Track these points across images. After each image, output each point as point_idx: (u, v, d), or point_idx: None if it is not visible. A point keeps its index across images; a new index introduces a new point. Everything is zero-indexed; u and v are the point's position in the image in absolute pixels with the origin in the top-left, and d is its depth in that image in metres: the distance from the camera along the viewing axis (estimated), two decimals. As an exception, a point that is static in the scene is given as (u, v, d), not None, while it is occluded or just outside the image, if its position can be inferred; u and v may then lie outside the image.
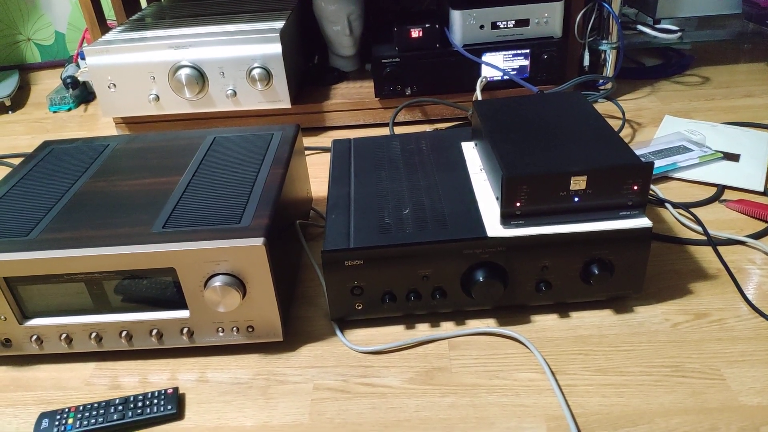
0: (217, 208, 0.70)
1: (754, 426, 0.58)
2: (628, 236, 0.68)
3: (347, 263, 0.68)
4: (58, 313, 0.69)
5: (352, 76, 1.36)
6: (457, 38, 1.18)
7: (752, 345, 0.67)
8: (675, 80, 1.38)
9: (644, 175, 0.66)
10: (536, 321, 0.72)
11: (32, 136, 1.36)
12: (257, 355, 0.71)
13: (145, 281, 0.66)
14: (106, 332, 0.69)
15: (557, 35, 1.19)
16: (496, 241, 0.67)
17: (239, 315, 0.68)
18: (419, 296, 0.70)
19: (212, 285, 0.64)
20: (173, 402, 0.64)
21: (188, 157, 0.82)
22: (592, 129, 0.74)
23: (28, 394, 0.68)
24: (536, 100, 0.83)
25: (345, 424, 0.62)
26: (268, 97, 1.16)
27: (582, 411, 0.61)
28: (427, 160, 0.84)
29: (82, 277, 0.66)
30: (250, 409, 0.64)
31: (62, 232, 0.68)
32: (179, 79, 1.13)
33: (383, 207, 0.74)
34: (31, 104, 1.55)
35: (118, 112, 1.20)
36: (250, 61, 1.12)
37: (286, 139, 0.85)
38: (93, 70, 1.14)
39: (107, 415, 0.63)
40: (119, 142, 0.89)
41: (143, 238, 0.65)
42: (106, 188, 0.76)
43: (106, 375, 0.70)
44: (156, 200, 0.72)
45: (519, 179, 0.66)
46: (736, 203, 0.90)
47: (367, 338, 0.72)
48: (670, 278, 0.78)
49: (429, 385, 0.65)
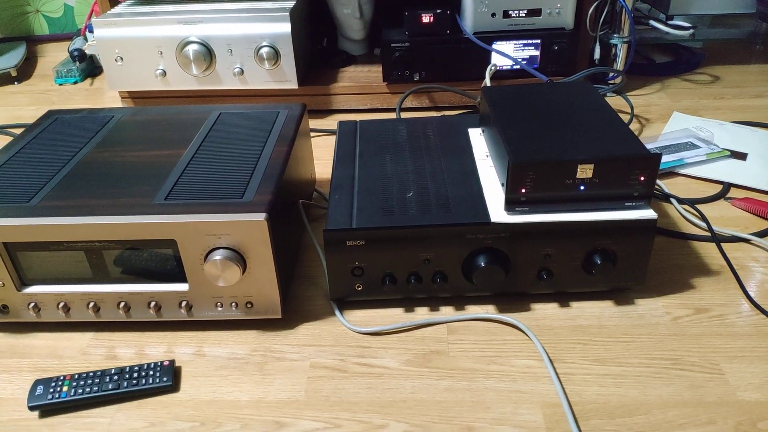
0: (220, 183, 0.69)
1: (751, 421, 0.58)
2: (633, 227, 0.67)
3: (349, 243, 0.68)
4: (57, 281, 0.68)
5: (361, 60, 1.35)
6: (468, 25, 1.17)
7: (752, 341, 0.67)
8: (685, 78, 1.37)
9: (651, 166, 0.65)
10: (536, 309, 0.72)
11: (37, 108, 1.35)
12: (255, 332, 0.70)
13: (146, 253, 0.66)
14: (105, 302, 0.69)
15: (569, 27, 1.18)
16: (499, 226, 0.67)
17: (239, 290, 0.68)
18: (420, 279, 0.70)
19: (212, 259, 0.64)
20: (169, 374, 0.64)
21: (193, 132, 0.81)
22: (601, 119, 0.73)
23: (23, 361, 0.68)
24: (546, 89, 0.83)
25: (341, 402, 0.61)
26: (275, 76, 1.15)
27: (579, 399, 0.60)
28: (434, 145, 0.83)
29: (82, 245, 0.65)
30: (246, 384, 0.64)
31: (63, 200, 0.67)
32: (187, 55, 1.12)
33: (387, 189, 0.73)
34: (37, 76, 1.54)
35: (124, 86, 1.19)
36: (258, 39, 1.11)
37: (292, 118, 0.84)
38: (101, 43, 1.14)
39: (102, 384, 0.63)
40: (124, 114, 0.88)
41: (145, 209, 0.65)
42: (109, 159, 0.76)
43: (103, 345, 0.70)
44: (159, 172, 0.72)
45: (525, 165, 0.65)
46: (741, 201, 0.89)
47: (366, 319, 0.71)
48: (673, 272, 0.77)
49: (426, 367, 0.65)
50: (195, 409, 0.61)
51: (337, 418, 0.60)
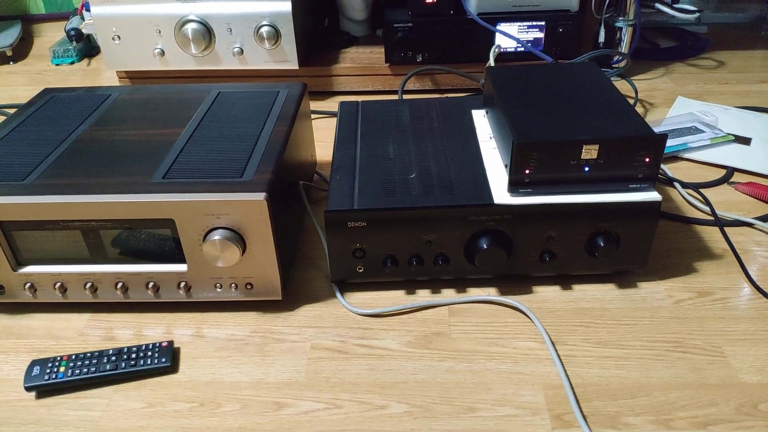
0: (219, 162, 0.68)
1: (752, 403, 0.57)
2: (637, 209, 0.66)
3: (350, 224, 0.67)
4: (53, 261, 0.67)
5: (363, 41, 1.33)
6: (472, 6, 1.15)
7: (754, 324, 0.66)
8: (689, 62, 1.35)
9: (657, 147, 0.64)
10: (538, 292, 0.71)
11: (33, 88, 1.34)
12: (255, 313, 0.70)
13: (143, 233, 0.65)
14: (102, 283, 0.68)
15: (574, 9, 1.16)
16: (502, 208, 0.66)
17: (238, 271, 0.67)
18: (421, 261, 0.69)
19: (211, 239, 0.63)
20: (168, 355, 0.63)
21: (191, 111, 0.80)
22: (606, 100, 0.72)
23: (20, 342, 0.67)
24: (551, 69, 0.81)
25: (341, 383, 0.61)
26: (275, 56, 1.14)
27: (580, 381, 0.60)
28: (436, 126, 0.82)
29: (78, 224, 0.65)
30: (246, 366, 0.63)
31: (59, 178, 0.66)
32: (185, 33, 1.11)
33: (389, 170, 0.72)
34: (34, 56, 1.53)
35: (121, 65, 1.17)
36: (258, 18, 1.10)
37: (293, 97, 0.83)
38: (98, 21, 1.12)
39: (100, 365, 0.62)
40: (122, 92, 0.87)
41: (142, 188, 0.64)
42: (106, 137, 0.75)
43: (101, 326, 0.69)
44: (157, 151, 0.71)
45: (530, 145, 0.64)
46: (745, 186, 0.89)
47: (367, 301, 0.71)
48: (675, 256, 0.76)
49: (427, 349, 0.64)
50: (194, 390, 0.61)
51: (337, 398, 0.59)
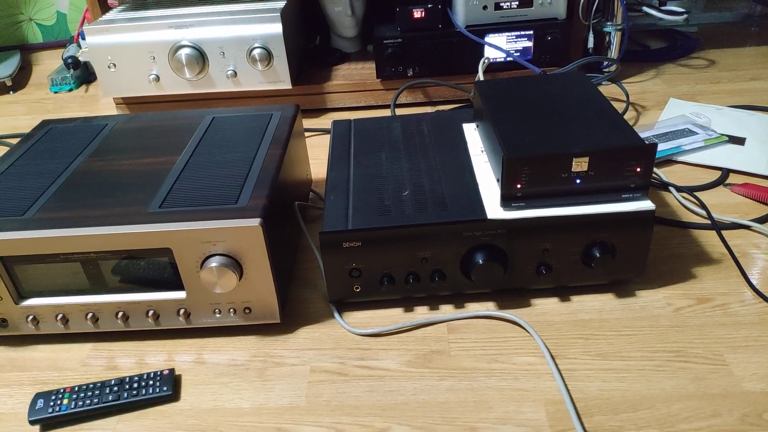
0: (214, 188, 0.69)
1: (756, 412, 0.57)
2: (631, 219, 0.66)
3: (345, 245, 0.67)
4: (55, 293, 0.68)
5: (354, 57, 1.34)
6: (460, 19, 1.16)
7: (756, 330, 0.66)
8: (680, 63, 1.36)
9: (647, 157, 0.65)
10: (536, 304, 0.71)
11: (33, 117, 1.35)
12: (254, 337, 0.70)
13: (142, 262, 0.65)
14: (103, 313, 0.68)
15: (561, 16, 1.17)
16: (496, 223, 0.66)
17: (236, 296, 0.67)
18: (418, 279, 0.70)
19: (208, 266, 0.64)
20: (169, 383, 0.64)
21: (186, 137, 0.81)
22: (595, 110, 0.73)
23: (24, 375, 0.68)
24: (539, 81, 0.82)
25: (342, 406, 0.61)
26: (268, 77, 1.14)
27: (582, 396, 0.60)
28: (428, 141, 0.83)
29: (78, 257, 0.65)
30: (247, 391, 0.64)
31: (58, 211, 0.67)
32: (179, 59, 1.12)
33: (383, 188, 0.73)
34: (33, 84, 1.54)
35: (118, 92, 1.18)
36: (250, 41, 1.11)
37: (286, 119, 0.84)
38: (93, 50, 1.13)
39: (102, 395, 0.62)
40: (118, 121, 0.88)
41: (139, 218, 0.65)
42: (103, 168, 0.75)
43: (103, 356, 0.69)
44: (153, 180, 0.72)
45: (520, 160, 0.65)
46: (740, 187, 0.89)
47: (365, 321, 0.71)
48: (673, 262, 0.77)
49: (427, 368, 0.65)
50: (196, 418, 0.61)
51: (338, 423, 0.59)
